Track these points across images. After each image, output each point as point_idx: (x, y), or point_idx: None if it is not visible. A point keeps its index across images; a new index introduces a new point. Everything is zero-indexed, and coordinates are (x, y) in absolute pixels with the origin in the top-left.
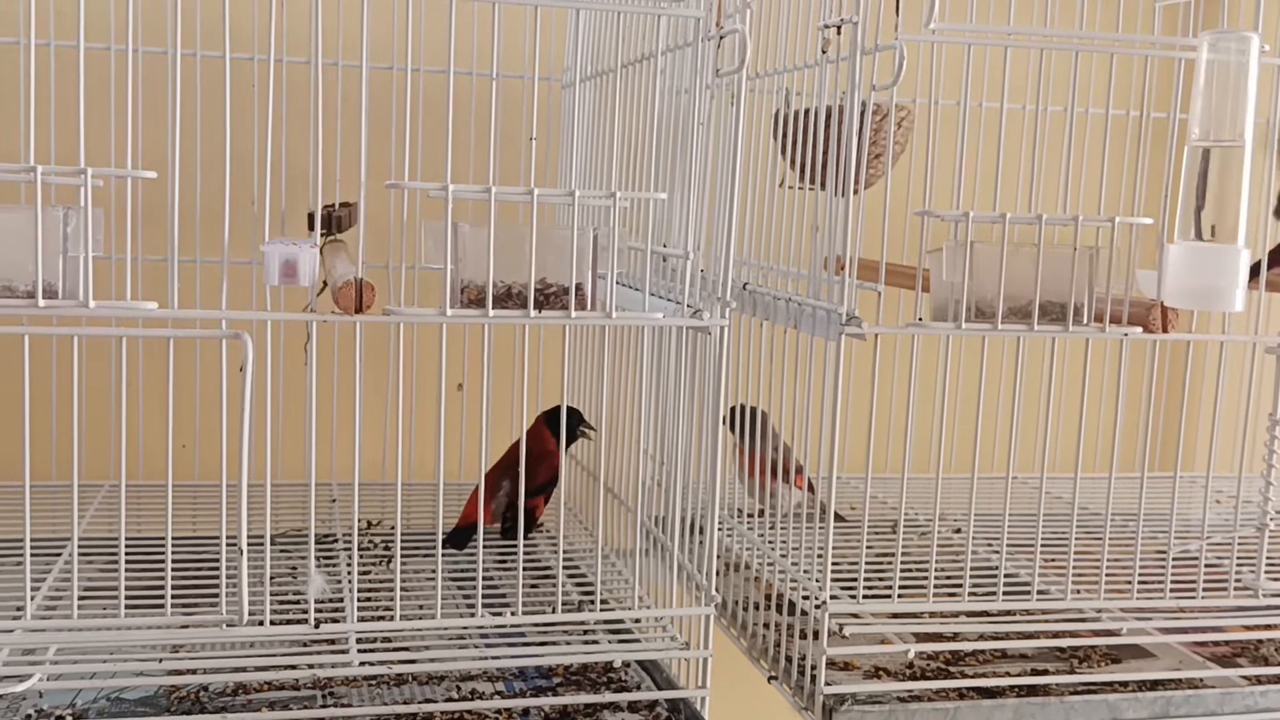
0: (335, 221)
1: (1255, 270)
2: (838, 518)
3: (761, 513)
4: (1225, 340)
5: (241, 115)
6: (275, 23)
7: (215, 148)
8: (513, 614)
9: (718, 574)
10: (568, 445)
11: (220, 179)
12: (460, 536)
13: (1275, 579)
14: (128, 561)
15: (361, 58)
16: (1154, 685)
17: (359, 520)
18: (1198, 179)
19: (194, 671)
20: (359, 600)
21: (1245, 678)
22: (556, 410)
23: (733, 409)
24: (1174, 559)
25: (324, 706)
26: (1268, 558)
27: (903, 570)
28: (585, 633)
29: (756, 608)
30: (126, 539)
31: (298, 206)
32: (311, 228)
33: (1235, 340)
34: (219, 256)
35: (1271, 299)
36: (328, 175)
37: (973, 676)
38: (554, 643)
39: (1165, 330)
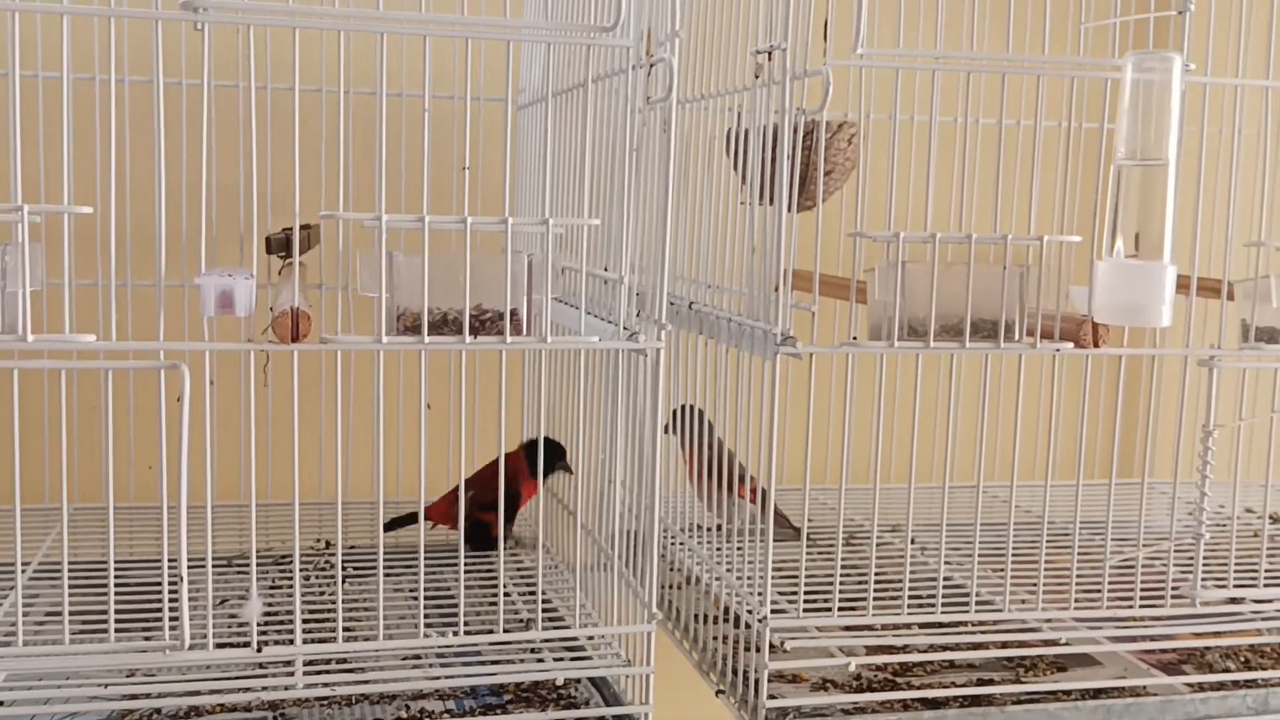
0: (284, 244)
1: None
2: (793, 530)
3: (716, 528)
4: (1157, 354)
5: (175, 142)
6: (207, 48)
7: (150, 176)
8: (455, 634)
9: (675, 588)
10: (545, 477)
11: (154, 208)
12: (399, 522)
13: (1219, 585)
14: (85, 586)
15: (323, 82)
16: (1096, 694)
17: (318, 541)
18: (1123, 197)
19: (148, 695)
20: (315, 621)
21: (1188, 685)
22: (543, 441)
23: (674, 411)
24: (1111, 568)
25: None
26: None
27: (858, 582)
28: (533, 650)
29: (709, 620)
30: (88, 563)
31: (226, 231)
32: (269, 251)
33: (1167, 354)
34: (159, 285)
35: (1204, 313)
36: (274, 200)
37: (919, 687)
38: (509, 660)
39: (1096, 345)
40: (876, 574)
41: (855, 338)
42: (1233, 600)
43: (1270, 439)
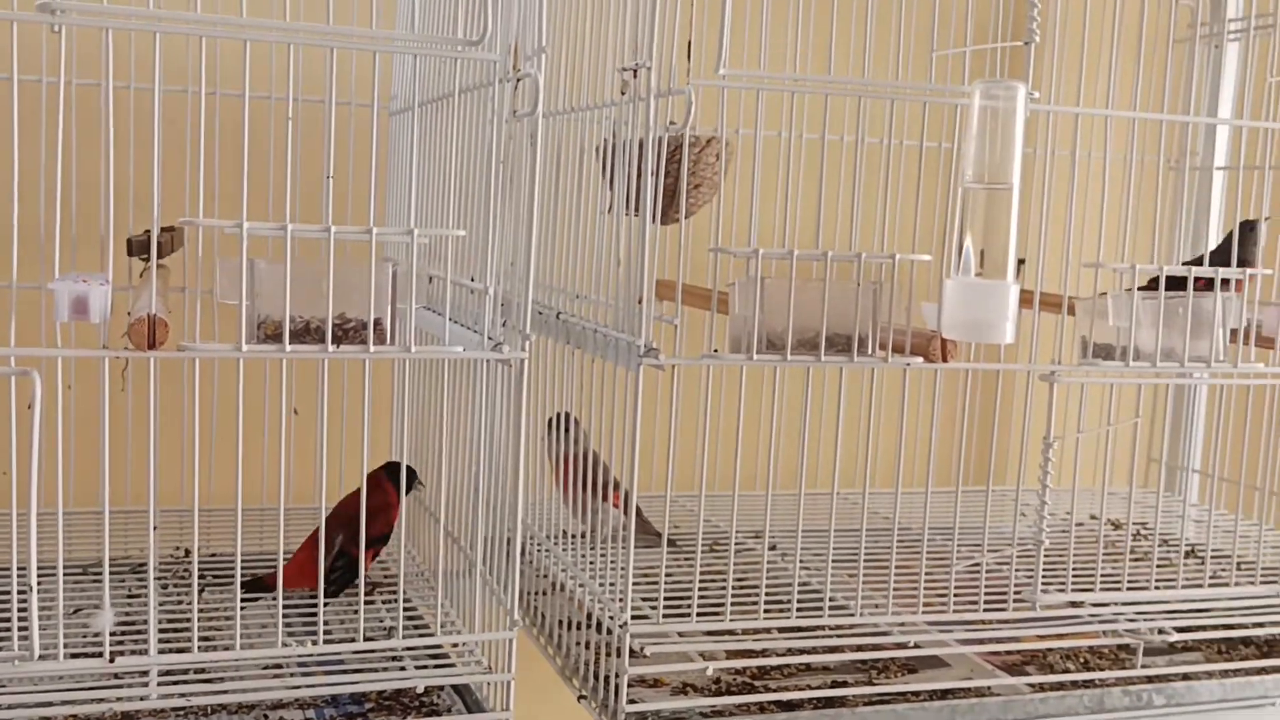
0: (146, 247)
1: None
2: (656, 536)
3: (582, 534)
4: (1001, 369)
5: (33, 141)
6: (65, 45)
7: (8, 176)
8: (315, 643)
9: (541, 594)
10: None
11: (8, 207)
12: (258, 588)
13: (1059, 590)
14: None
15: (238, 85)
16: (944, 694)
17: (177, 549)
18: (970, 218)
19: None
20: (173, 630)
21: (1030, 685)
22: (396, 465)
23: (549, 420)
24: (958, 573)
25: None
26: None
27: (719, 587)
28: (395, 658)
29: (573, 626)
30: None
31: (89, 231)
32: (131, 254)
33: (1011, 369)
34: (11, 287)
35: (1043, 328)
36: (134, 202)
37: (776, 690)
38: (370, 669)
39: (945, 360)
40: (737, 579)
41: (716, 350)
42: (1072, 604)
43: (1108, 449)
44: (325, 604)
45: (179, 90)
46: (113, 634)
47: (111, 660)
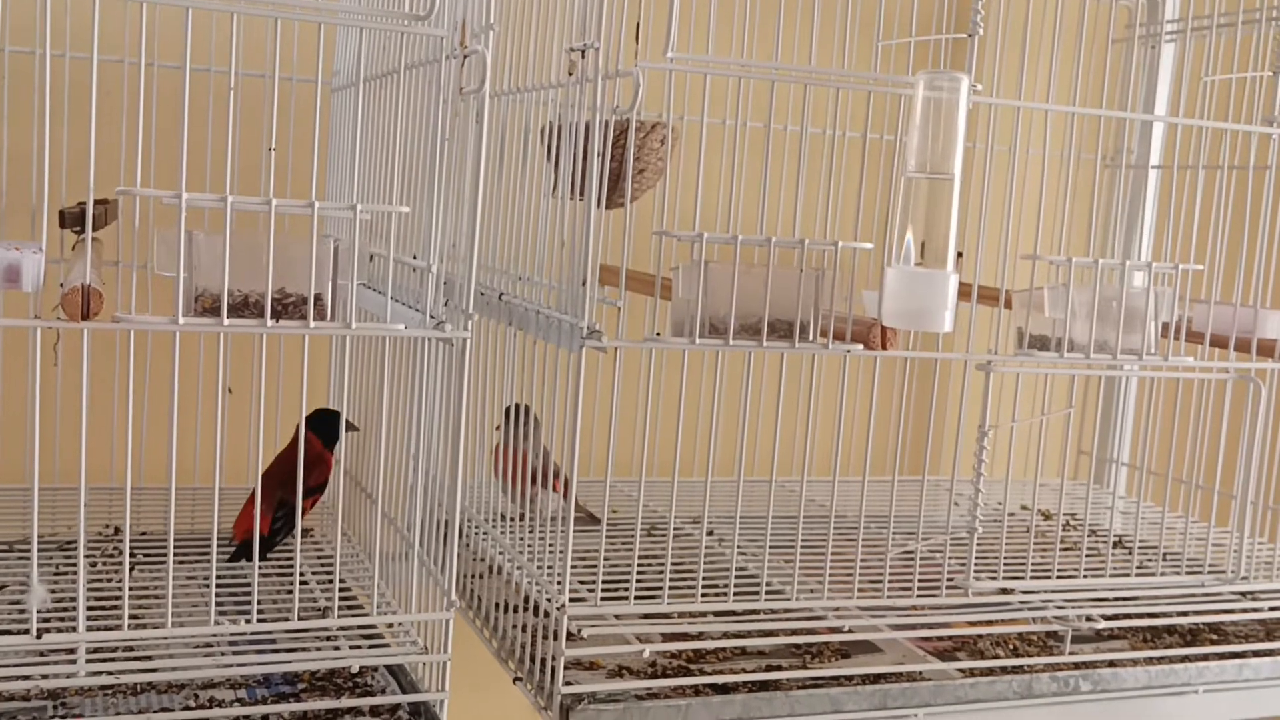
0: (79, 219)
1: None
2: (594, 520)
3: (520, 517)
4: (939, 358)
5: None
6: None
7: None
8: (248, 621)
9: (478, 576)
10: (333, 446)
11: None
12: (246, 550)
13: (991, 577)
14: None
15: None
16: (876, 679)
17: (106, 527)
18: (911, 208)
19: None
20: (102, 609)
21: (960, 670)
22: (319, 414)
23: (507, 409)
24: (892, 559)
25: (54, 718)
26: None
27: (657, 571)
28: (329, 638)
29: (510, 609)
30: None
31: (21, 202)
32: (63, 226)
33: (949, 358)
34: None
35: (981, 319)
36: (68, 173)
37: (711, 674)
38: (303, 648)
39: (884, 348)
40: (675, 564)
41: (659, 333)
42: (1003, 591)
43: (1040, 441)
44: (261, 577)
45: (115, 60)
46: (40, 611)
47: (39, 637)
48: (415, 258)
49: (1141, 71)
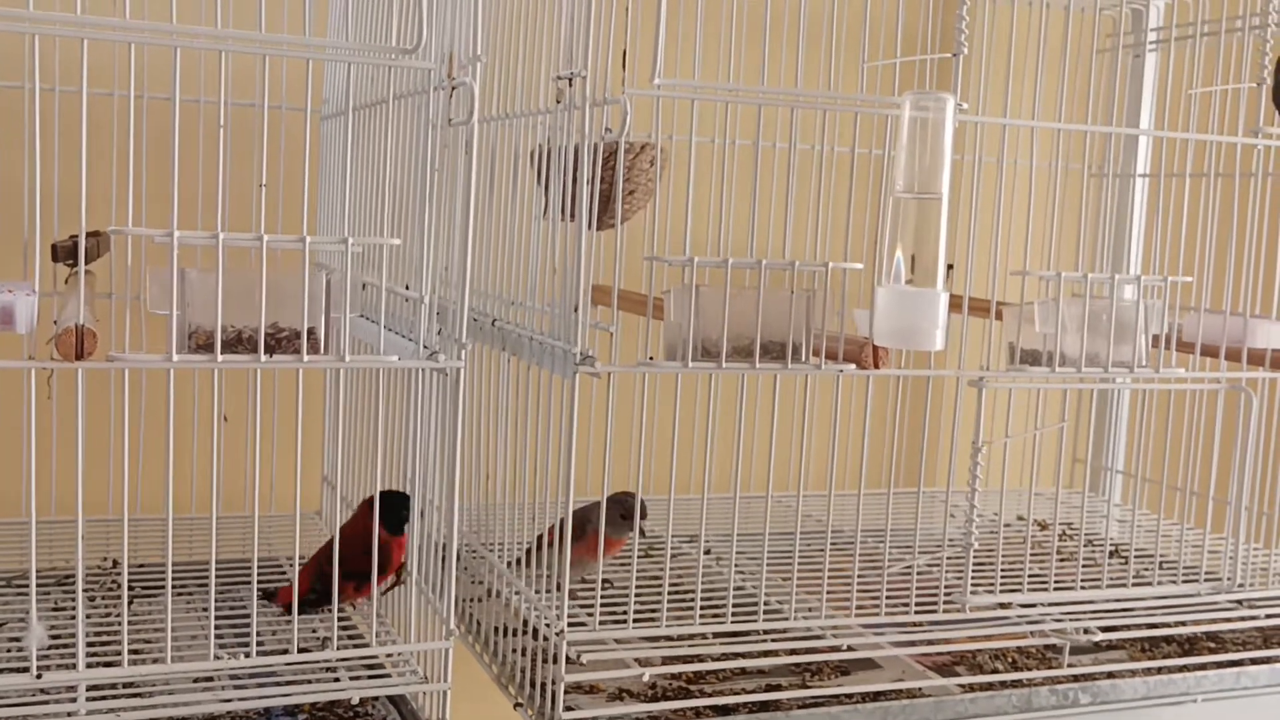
0: (71, 252)
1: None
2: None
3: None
4: (932, 375)
5: None
6: None
7: None
8: (247, 655)
9: (477, 600)
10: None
11: None
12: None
13: (988, 591)
14: None
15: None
16: (876, 696)
17: (105, 559)
18: (901, 227)
19: None
20: (101, 644)
21: (960, 686)
22: (386, 496)
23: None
24: (890, 575)
25: None
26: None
27: (655, 593)
28: (330, 670)
29: (509, 634)
30: None
31: (13, 236)
32: (56, 259)
33: (941, 375)
34: None
35: (972, 335)
36: (64, 206)
37: (711, 695)
38: (304, 680)
39: (876, 366)
40: (673, 585)
41: (651, 357)
42: (1000, 605)
43: (1035, 452)
44: (260, 609)
45: (105, 94)
46: (40, 649)
47: (39, 676)
48: (408, 288)
49: (1126, 82)
